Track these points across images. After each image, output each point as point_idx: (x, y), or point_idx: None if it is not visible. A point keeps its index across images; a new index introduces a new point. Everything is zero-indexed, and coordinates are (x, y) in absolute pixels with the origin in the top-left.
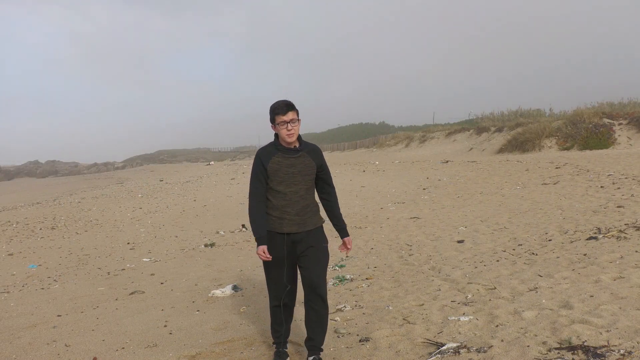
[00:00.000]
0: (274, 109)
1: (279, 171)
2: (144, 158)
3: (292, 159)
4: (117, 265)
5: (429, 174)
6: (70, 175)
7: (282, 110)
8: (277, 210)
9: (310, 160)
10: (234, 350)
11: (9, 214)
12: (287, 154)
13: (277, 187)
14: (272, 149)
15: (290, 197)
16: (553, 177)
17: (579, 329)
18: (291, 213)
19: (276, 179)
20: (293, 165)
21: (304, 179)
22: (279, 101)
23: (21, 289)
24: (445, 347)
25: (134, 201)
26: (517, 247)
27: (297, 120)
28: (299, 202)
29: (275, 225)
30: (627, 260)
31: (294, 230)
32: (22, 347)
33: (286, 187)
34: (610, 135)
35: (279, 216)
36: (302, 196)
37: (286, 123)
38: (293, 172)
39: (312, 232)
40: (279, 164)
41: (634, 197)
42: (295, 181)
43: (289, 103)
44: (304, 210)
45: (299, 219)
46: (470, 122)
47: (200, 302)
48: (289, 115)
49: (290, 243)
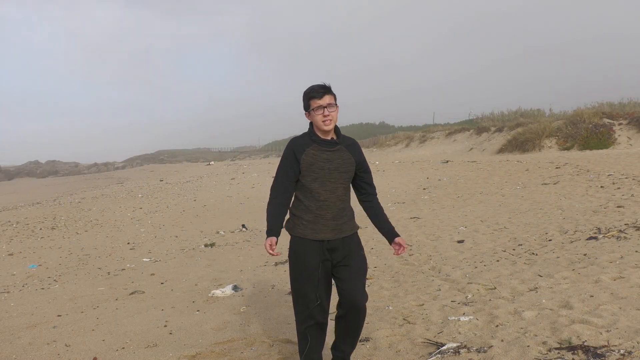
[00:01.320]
0: (308, 92)
1: (314, 166)
2: (144, 158)
3: (329, 153)
4: (117, 265)
5: (429, 174)
6: (70, 175)
7: (318, 94)
8: (310, 214)
9: (350, 156)
10: (234, 350)
11: (9, 214)
12: (324, 146)
13: (311, 184)
14: (307, 140)
15: (326, 197)
16: (553, 177)
17: (579, 329)
18: (327, 217)
19: (310, 174)
20: (330, 160)
21: (341, 177)
22: (314, 84)
23: (21, 289)
24: (445, 347)
25: (134, 201)
26: (517, 247)
27: (335, 105)
28: (335, 204)
29: (307, 230)
30: (627, 260)
31: (330, 236)
32: (22, 347)
33: (321, 185)
34: (610, 135)
35: (312, 220)
36: (340, 197)
37: (323, 108)
38: (330, 168)
39: (348, 239)
40: (314, 157)
41: (634, 197)
42: (332, 179)
43: (326, 85)
44: (340, 213)
45: (334, 224)
46: (470, 122)
47: (200, 302)
48: (326, 99)
49: (326, 251)
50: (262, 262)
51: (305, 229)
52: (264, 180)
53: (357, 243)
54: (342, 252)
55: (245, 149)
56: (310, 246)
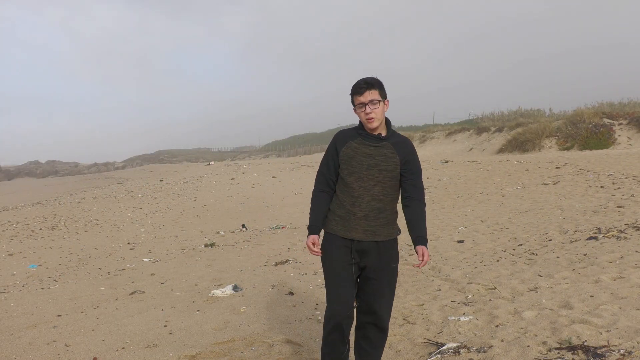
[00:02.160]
0: (351, 88)
1: (353, 159)
2: (144, 158)
3: (372, 148)
4: (117, 265)
5: (428, 174)
6: (70, 175)
7: (360, 90)
8: (342, 209)
9: (394, 154)
10: (234, 350)
11: (9, 214)
12: (368, 140)
13: (347, 177)
14: (353, 133)
15: (360, 193)
16: (553, 177)
17: (579, 329)
18: (358, 214)
19: (348, 167)
20: (371, 156)
21: (380, 175)
22: (360, 79)
23: (21, 289)
24: (445, 347)
25: (134, 201)
26: (517, 247)
27: (380, 102)
28: (370, 202)
29: (338, 227)
30: (627, 260)
31: (360, 236)
32: (22, 347)
33: (357, 180)
34: (610, 135)
35: (343, 216)
36: (376, 196)
37: (364, 105)
38: (369, 164)
39: (381, 244)
40: (355, 151)
41: (634, 197)
42: (370, 175)
43: (370, 80)
44: (374, 214)
45: (366, 224)
46: (470, 122)
47: (200, 302)
48: (367, 96)
49: (355, 253)
50: (262, 262)
51: (337, 225)
52: (264, 180)
53: (392, 252)
54: (373, 258)
55: (245, 149)
56: (339, 244)
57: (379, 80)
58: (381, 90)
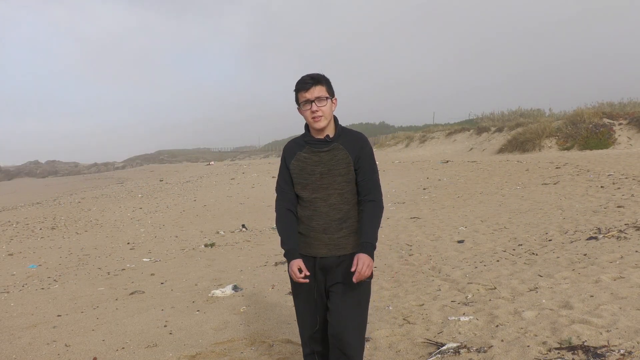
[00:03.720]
0: (296, 84)
1: (303, 171)
2: (144, 158)
3: (322, 154)
4: (117, 265)
5: (429, 174)
6: (70, 175)
7: (306, 85)
8: (302, 225)
9: (345, 154)
10: (234, 350)
11: (9, 214)
12: (316, 146)
13: (301, 192)
14: (300, 142)
15: (317, 205)
16: (553, 177)
17: (579, 329)
18: (317, 229)
19: (300, 181)
20: (322, 163)
21: (335, 181)
22: (304, 75)
23: (21, 289)
24: (445, 347)
25: (134, 201)
26: (517, 247)
27: (328, 99)
28: (328, 214)
29: (300, 244)
30: (627, 260)
31: (322, 253)
32: (22, 347)
33: (311, 192)
34: (610, 135)
35: (304, 233)
36: (334, 206)
37: (310, 103)
38: (321, 172)
39: (347, 258)
40: (304, 162)
41: (634, 197)
42: (323, 184)
43: (316, 75)
44: (336, 225)
45: (327, 238)
46: (470, 122)
47: (200, 302)
48: (314, 92)
49: (319, 272)
50: (262, 262)
51: (299, 242)
52: (264, 180)
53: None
54: (338, 275)
55: (245, 149)
56: (306, 263)
57: (326, 76)
58: (329, 87)
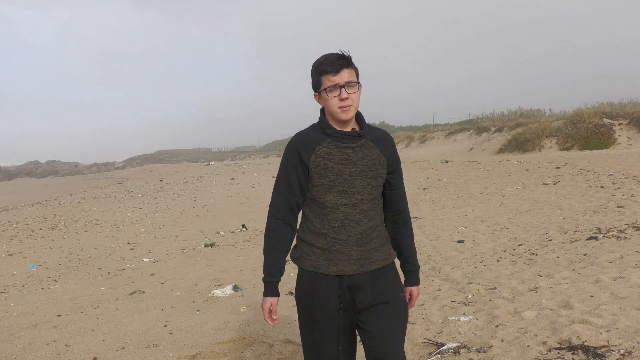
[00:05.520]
0: (318, 65)
1: (329, 170)
2: (144, 158)
3: (349, 150)
4: (117, 265)
5: (429, 174)
6: (70, 175)
7: (333, 67)
8: (323, 238)
9: (378, 154)
10: (234, 350)
11: (9, 214)
12: (342, 141)
13: (323, 197)
14: (317, 134)
15: (347, 213)
16: (553, 177)
17: (579, 329)
18: (348, 241)
19: (324, 182)
20: (351, 161)
21: (368, 185)
22: (328, 54)
23: (21, 289)
24: (445, 347)
25: (134, 201)
26: (517, 247)
27: (357, 84)
28: (360, 222)
29: (320, 262)
30: (627, 260)
31: (351, 270)
32: (22, 347)
33: (339, 196)
34: (610, 135)
35: (326, 247)
36: (366, 213)
37: (338, 88)
38: (351, 172)
39: (380, 273)
40: (328, 159)
41: (634, 197)
42: (354, 187)
43: (344, 56)
44: (368, 236)
45: (359, 252)
46: (470, 122)
47: (200, 302)
48: (344, 75)
49: (346, 291)
50: (262, 262)
51: (318, 259)
52: (264, 180)
53: (394, 279)
54: (372, 292)
55: (245, 149)
56: (324, 283)
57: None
58: (357, 70)
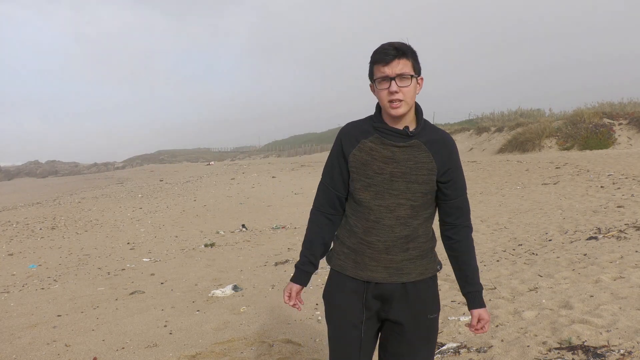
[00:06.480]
0: (373, 54)
1: (368, 166)
2: (144, 158)
3: (396, 149)
4: (117, 265)
5: None
6: (70, 175)
7: (386, 57)
8: (354, 238)
9: (429, 157)
10: (234, 350)
11: (9, 214)
12: (389, 138)
13: (360, 193)
14: (366, 126)
15: (380, 216)
16: (553, 177)
17: (579, 329)
18: (376, 246)
19: (361, 179)
20: (393, 160)
21: (409, 189)
22: (385, 43)
23: (21, 289)
24: (445, 347)
25: (134, 201)
26: (517, 247)
27: (413, 77)
28: (393, 228)
29: (348, 263)
30: (627, 260)
31: (379, 277)
32: (22, 347)
33: (375, 196)
34: (610, 135)
35: (355, 247)
36: (402, 219)
37: (389, 80)
38: (392, 173)
39: (413, 287)
40: (371, 154)
41: (634, 197)
42: (392, 189)
43: (401, 45)
44: (401, 245)
45: (388, 260)
46: (470, 122)
47: (200, 302)
48: (396, 67)
49: (372, 301)
50: (262, 262)
51: (347, 260)
52: (264, 180)
53: (428, 297)
54: (399, 307)
55: (245, 149)
56: (348, 287)
57: (412, 48)
58: (415, 61)
